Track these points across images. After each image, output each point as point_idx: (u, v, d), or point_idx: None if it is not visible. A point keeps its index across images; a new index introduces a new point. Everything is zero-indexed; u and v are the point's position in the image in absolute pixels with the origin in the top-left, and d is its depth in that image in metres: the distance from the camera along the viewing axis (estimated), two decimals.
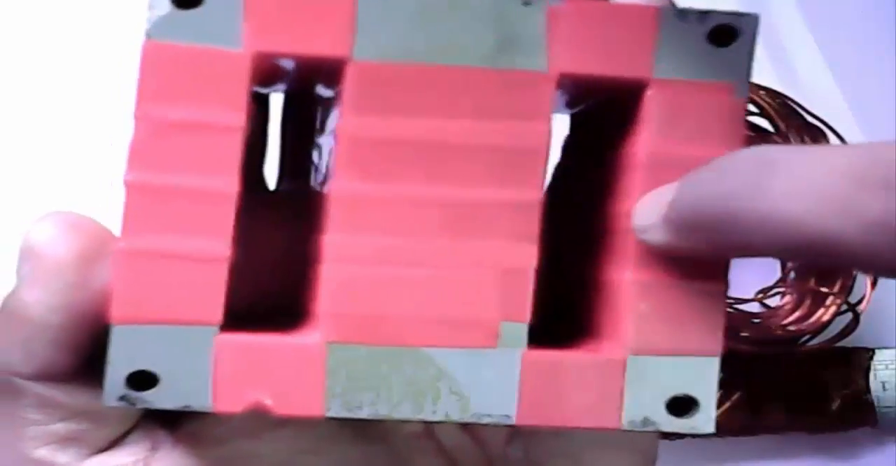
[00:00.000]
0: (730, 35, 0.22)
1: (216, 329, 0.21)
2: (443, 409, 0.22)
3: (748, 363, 0.52)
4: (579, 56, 0.22)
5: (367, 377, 0.21)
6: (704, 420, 0.22)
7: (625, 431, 0.22)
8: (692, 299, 0.22)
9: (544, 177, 0.22)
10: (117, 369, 0.21)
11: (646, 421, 0.22)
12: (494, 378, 0.22)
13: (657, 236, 0.22)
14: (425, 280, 0.22)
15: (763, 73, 0.54)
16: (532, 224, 0.22)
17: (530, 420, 0.22)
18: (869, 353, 0.53)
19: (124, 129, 0.22)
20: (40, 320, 0.21)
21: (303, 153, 0.26)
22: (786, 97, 0.52)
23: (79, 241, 0.21)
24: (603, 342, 0.23)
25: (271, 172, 0.28)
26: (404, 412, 0.22)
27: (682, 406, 0.22)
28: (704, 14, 0.22)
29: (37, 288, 0.21)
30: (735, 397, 0.52)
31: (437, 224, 0.22)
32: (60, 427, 0.23)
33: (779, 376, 0.53)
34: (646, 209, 0.22)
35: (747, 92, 0.22)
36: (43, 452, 0.23)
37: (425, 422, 0.24)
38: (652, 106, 0.22)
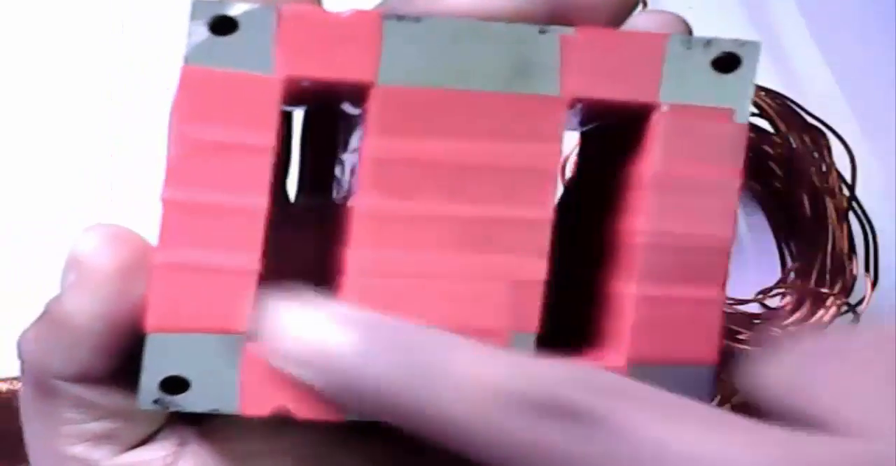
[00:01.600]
0: (733, 62, 0.23)
1: (244, 337, 0.23)
2: None
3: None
4: (590, 81, 0.23)
5: None
6: None
7: None
8: (690, 311, 0.24)
9: (554, 196, 0.23)
10: (151, 374, 0.22)
11: None
12: None
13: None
14: (442, 292, 0.23)
15: (763, 73, 0.54)
16: (542, 240, 0.23)
17: None
18: None
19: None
20: (82, 327, 0.23)
21: (323, 168, 0.27)
22: (786, 98, 0.52)
23: (121, 253, 0.23)
24: (606, 350, 0.24)
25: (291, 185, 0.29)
26: None
27: None
28: (709, 42, 0.23)
29: (80, 296, 0.23)
30: (735, 397, 0.52)
31: (454, 239, 0.23)
32: (95, 426, 0.24)
33: None
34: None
35: (748, 117, 0.23)
36: (78, 449, 0.24)
37: None
38: (658, 129, 0.23)
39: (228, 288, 0.22)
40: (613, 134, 0.25)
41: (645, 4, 0.60)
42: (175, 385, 0.23)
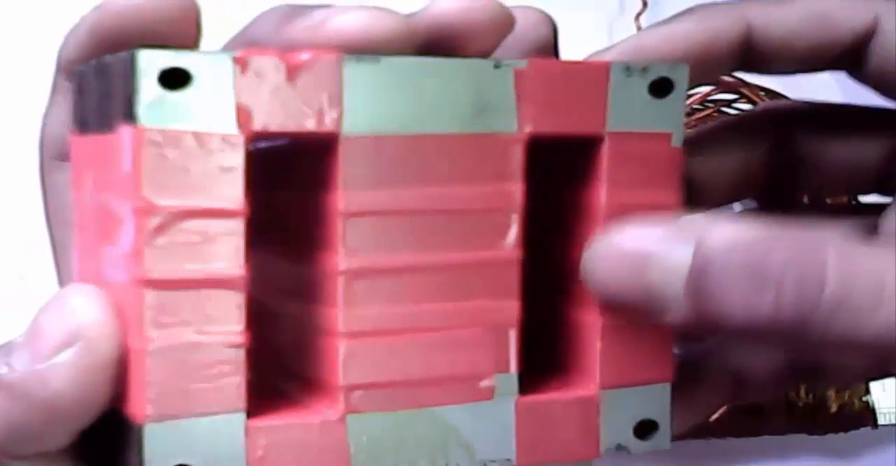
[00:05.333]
0: (667, 86, 0.23)
1: (244, 415, 0.21)
2: (454, 460, 0.23)
3: None
4: (544, 116, 0.22)
5: (385, 441, 0.22)
6: (663, 439, 0.24)
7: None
8: (648, 333, 0.24)
9: (522, 234, 0.23)
10: None
11: (619, 447, 0.24)
12: (494, 426, 0.23)
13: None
14: (425, 344, 0.22)
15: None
16: (513, 280, 0.23)
17: (528, 460, 0.23)
18: None
19: None
20: (69, 414, 0.21)
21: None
22: (786, 98, 0.52)
23: (120, 331, 0.20)
24: (575, 378, 0.24)
25: None
26: None
27: (645, 429, 0.24)
28: (646, 68, 0.23)
29: (78, 381, 0.20)
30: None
31: (431, 289, 0.22)
32: None
33: None
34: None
35: (682, 140, 0.23)
36: None
37: None
38: (606, 158, 0.23)
39: (220, 365, 0.21)
40: (564, 157, 0.24)
41: (645, 5, 0.60)
42: None
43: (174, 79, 0.20)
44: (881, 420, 0.55)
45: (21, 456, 0.21)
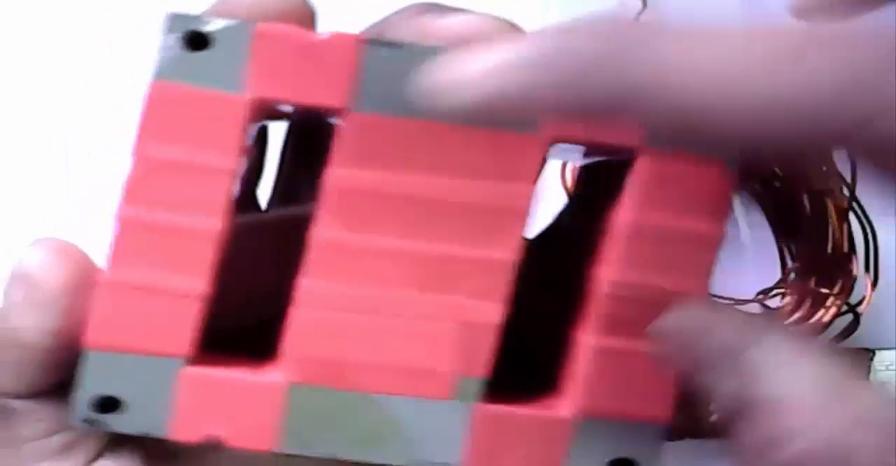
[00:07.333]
0: None
1: (183, 361, 0.22)
2: (390, 453, 0.23)
3: None
4: (570, 122, 0.22)
5: (321, 417, 0.22)
6: None
7: None
8: (648, 366, 0.23)
9: (521, 238, 0.23)
10: (85, 392, 0.22)
11: None
12: (444, 428, 0.23)
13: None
14: (389, 330, 0.22)
15: None
16: (502, 283, 0.22)
17: None
18: (869, 354, 0.53)
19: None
20: (33, 344, 0.23)
21: (299, 178, 0.26)
22: None
23: (69, 269, 0.23)
24: (557, 399, 0.24)
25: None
26: (352, 453, 0.23)
27: None
28: None
29: (30, 312, 0.22)
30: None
31: (410, 276, 0.22)
32: (55, 440, 0.24)
33: None
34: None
35: (737, 164, 0.22)
36: (45, 465, 0.24)
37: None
38: (640, 174, 0.22)
39: (173, 310, 0.22)
40: (608, 173, 0.24)
41: (645, 5, 0.60)
42: (108, 404, 0.22)
43: (196, 41, 0.22)
44: None
45: (22, 395, 0.23)
